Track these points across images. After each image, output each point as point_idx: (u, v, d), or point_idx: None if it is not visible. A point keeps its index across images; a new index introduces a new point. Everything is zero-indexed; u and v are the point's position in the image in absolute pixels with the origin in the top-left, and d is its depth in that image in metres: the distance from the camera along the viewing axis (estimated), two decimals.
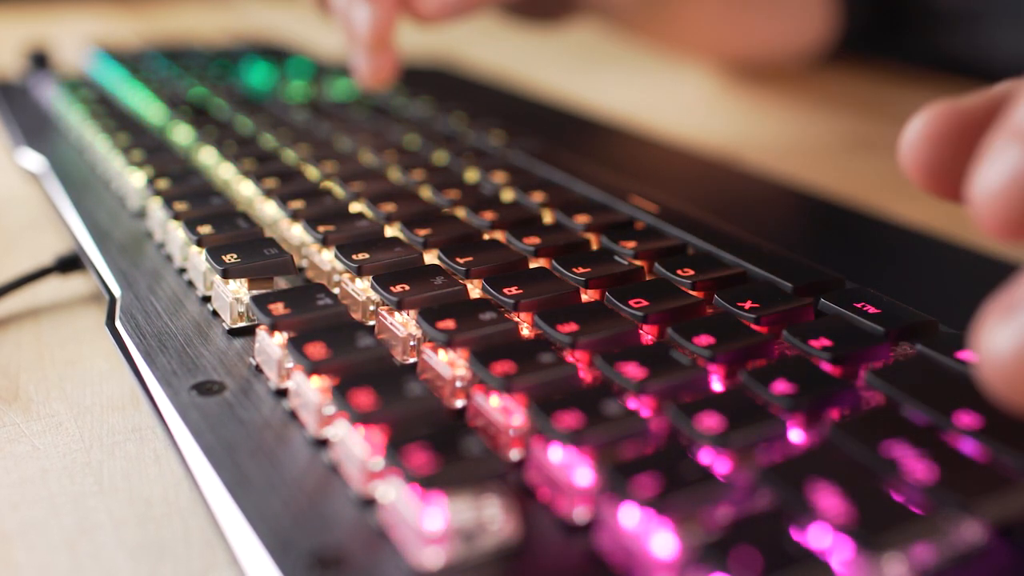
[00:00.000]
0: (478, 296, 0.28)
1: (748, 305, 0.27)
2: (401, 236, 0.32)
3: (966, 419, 0.20)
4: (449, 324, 0.25)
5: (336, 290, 0.31)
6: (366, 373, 0.22)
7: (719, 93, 0.73)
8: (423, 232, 0.32)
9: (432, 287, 0.28)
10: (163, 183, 0.37)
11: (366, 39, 0.44)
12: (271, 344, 0.25)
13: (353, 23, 0.44)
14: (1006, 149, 0.16)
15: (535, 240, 0.31)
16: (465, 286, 0.28)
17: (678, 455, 0.20)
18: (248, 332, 0.29)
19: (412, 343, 0.27)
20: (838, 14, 0.68)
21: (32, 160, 0.45)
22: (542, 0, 0.52)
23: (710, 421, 0.21)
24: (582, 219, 0.34)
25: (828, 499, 0.18)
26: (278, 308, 0.26)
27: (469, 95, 0.50)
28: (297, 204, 0.34)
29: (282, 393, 0.25)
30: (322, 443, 0.23)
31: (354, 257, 0.30)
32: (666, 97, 0.73)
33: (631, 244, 0.31)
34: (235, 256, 0.29)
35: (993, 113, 0.19)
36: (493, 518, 0.19)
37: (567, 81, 0.75)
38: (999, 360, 0.15)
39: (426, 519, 0.19)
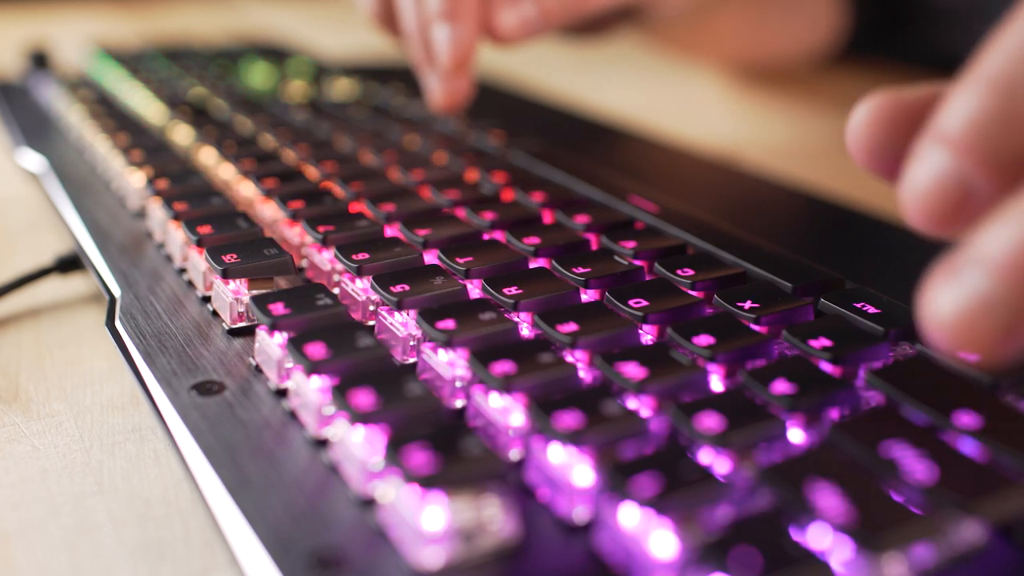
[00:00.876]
0: (478, 296, 0.28)
1: (748, 305, 0.27)
2: (401, 236, 0.32)
3: (966, 419, 0.20)
4: (449, 324, 0.25)
5: (336, 290, 0.31)
6: (366, 373, 0.22)
7: (719, 94, 0.73)
8: (423, 232, 0.32)
9: (432, 287, 0.28)
10: (163, 183, 0.37)
11: (446, 61, 0.42)
12: (271, 344, 0.25)
13: (432, 45, 0.42)
14: (929, 152, 0.18)
15: (535, 240, 0.31)
16: (465, 286, 0.28)
17: (678, 455, 0.20)
18: (248, 332, 0.29)
19: (412, 343, 0.27)
20: (845, 14, 0.68)
21: (32, 160, 0.45)
22: (595, 20, 0.52)
23: (710, 421, 0.21)
24: (582, 219, 0.34)
25: (828, 499, 0.18)
26: (278, 308, 0.26)
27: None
28: (297, 204, 0.35)
29: (282, 393, 0.25)
30: (322, 443, 0.23)
31: (354, 257, 0.30)
32: (667, 98, 0.73)
33: (631, 244, 0.31)
34: (235, 256, 0.30)
35: (931, 107, 0.20)
36: (493, 518, 0.19)
37: (567, 81, 0.75)
38: (942, 321, 0.16)
39: (426, 519, 0.19)
